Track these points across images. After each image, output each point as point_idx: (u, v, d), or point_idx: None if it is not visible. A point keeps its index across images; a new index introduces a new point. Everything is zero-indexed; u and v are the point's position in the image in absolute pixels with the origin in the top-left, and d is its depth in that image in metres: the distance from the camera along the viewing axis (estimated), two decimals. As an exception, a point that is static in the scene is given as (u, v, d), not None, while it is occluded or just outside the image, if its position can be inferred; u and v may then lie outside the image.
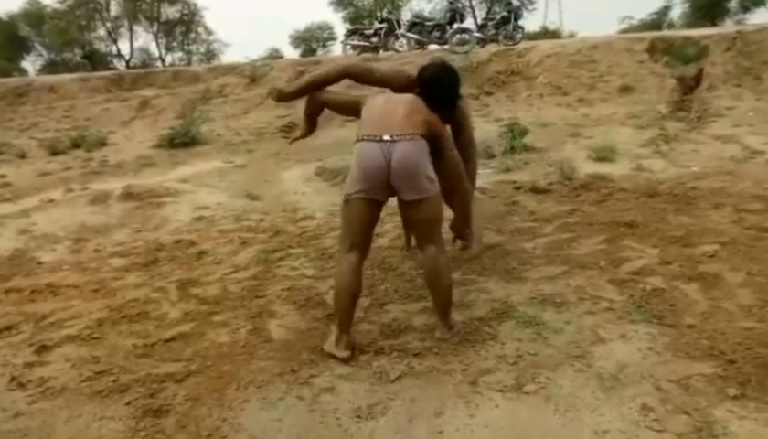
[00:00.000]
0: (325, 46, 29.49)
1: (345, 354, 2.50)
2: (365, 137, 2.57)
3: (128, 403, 2.23)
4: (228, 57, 29.23)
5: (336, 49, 26.80)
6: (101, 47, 27.98)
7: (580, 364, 2.36)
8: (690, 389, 2.14)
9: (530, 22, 27.62)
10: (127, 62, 27.03)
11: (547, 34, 23.76)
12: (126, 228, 4.69)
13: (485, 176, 5.48)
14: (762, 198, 4.05)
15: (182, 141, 8.46)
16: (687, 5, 25.30)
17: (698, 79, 8.22)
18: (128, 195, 5.43)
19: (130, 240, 4.37)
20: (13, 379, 2.46)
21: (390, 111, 2.63)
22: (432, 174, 2.55)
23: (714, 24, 22.08)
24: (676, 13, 26.72)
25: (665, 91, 8.06)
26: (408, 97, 2.74)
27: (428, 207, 2.55)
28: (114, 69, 24.15)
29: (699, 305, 2.73)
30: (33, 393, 2.36)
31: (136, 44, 28.06)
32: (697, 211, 3.94)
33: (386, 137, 2.50)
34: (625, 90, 8.34)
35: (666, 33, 13.59)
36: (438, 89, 2.81)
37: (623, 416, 2.04)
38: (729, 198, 4.16)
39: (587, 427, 2.00)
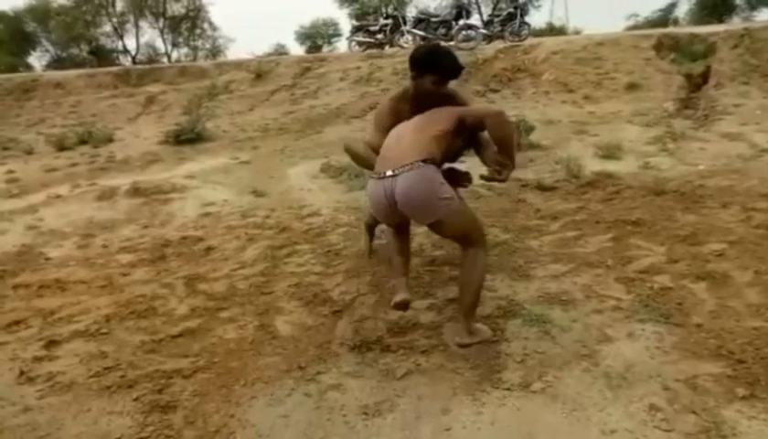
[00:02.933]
0: (330, 42, 29.48)
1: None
2: (372, 175, 2.61)
3: (136, 399, 2.25)
4: (233, 53, 29.26)
5: (342, 46, 26.79)
6: (107, 42, 28.04)
7: (587, 363, 2.35)
8: (698, 388, 2.14)
9: (536, 19, 27.53)
10: (133, 58, 27.09)
11: (553, 31, 23.66)
12: (133, 224, 4.71)
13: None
14: (770, 197, 4.03)
15: (188, 137, 8.47)
16: (693, 1, 25.15)
17: (705, 76, 8.18)
18: (135, 191, 5.45)
19: (137, 236, 4.38)
20: (22, 373, 2.48)
21: (397, 141, 2.60)
22: (444, 190, 2.46)
23: (721, 21, 21.95)
24: (682, 10, 26.58)
25: (672, 89, 8.02)
26: (419, 118, 2.69)
27: (450, 222, 2.51)
28: (120, 64, 24.22)
29: (707, 304, 2.72)
30: (42, 388, 2.38)
31: (142, 40, 28.13)
32: (704, 210, 3.92)
33: (388, 173, 2.48)
34: (632, 87, 8.30)
35: (673, 30, 13.52)
36: (435, 56, 2.74)
37: (630, 416, 2.03)
38: (736, 196, 4.14)
39: (594, 426, 2.00)
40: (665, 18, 26.20)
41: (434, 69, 2.71)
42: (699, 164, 5.14)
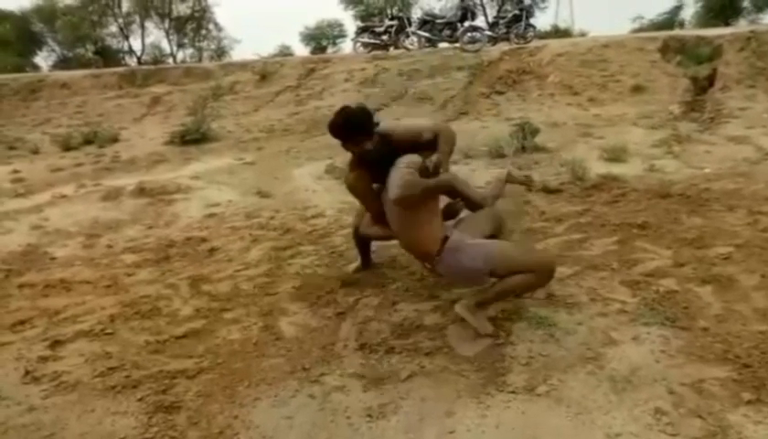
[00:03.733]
0: (335, 43, 29.50)
1: None
2: None
3: (140, 399, 2.25)
4: (238, 54, 29.32)
5: (347, 47, 26.81)
6: (112, 43, 28.16)
7: (592, 366, 2.35)
8: (704, 392, 2.13)
9: (541, 21, 27.45)
10: (139, 58, 27.18)
11: (558, 33, 23.63)
12: (138, 224, 4.72)
13: (496, 175, 5.46)
14: (776, 200, 4.01)
15: (193, 138, 8.49)
16: (699, 4, 25.07)
17: (711, 79, 8.14)
18: (140, 191, 5.46)
19: (142, 237, 4.39)
20: (27, 373, 2.49)
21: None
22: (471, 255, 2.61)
23: (728, 24, 21.87)
24: (688, 13, 26.50)
25: (677, 92, 7.99)
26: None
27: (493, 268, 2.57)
28: (126, 65, 24.30)
29: (713, 307, 2.71)
30: (47, 388, 2.39)
31: (148, 40, 28.25)
32: (710, 213, 3.91)
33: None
34: (637, 89, 8.27)
35: (679, 32, 13.48)
36: (332, 127, 2.82)
37: (635, 419, 2.02)
38: (742, 199, 4.12)
39: (599, 430, 1.99)
40: (670, 21, 26.12)
41: (340, 138, 2.83)
42: (705, 167, 5.12)
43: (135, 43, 28.11)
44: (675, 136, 6.20)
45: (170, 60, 26.98)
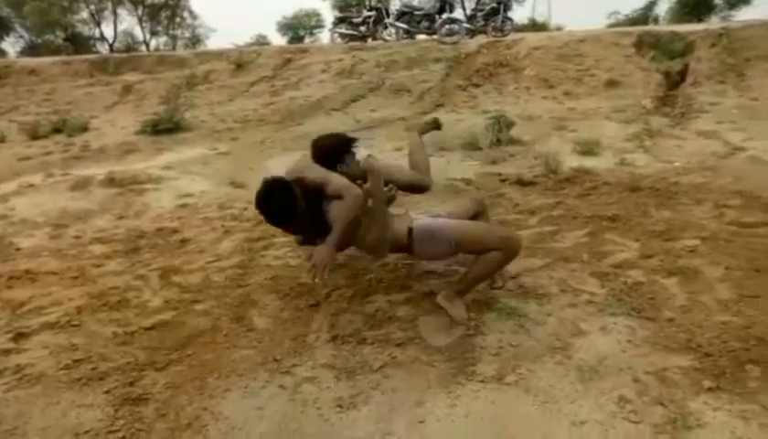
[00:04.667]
0: (312, 33, 29.28)
1: None
2: None
3: (107, 391, 2.22)
4: (213, 42, 28.90)
5: (324, 37, 26.60)
6: (83, 29, 27.51)
7: (560, 356, 2.38)
8: (667, 381, 2.17)
9: (519, 14, 27.60)
10: (110, 46, 26.61)
11: (535, 26, 23.77)
12: (108, 214, 4.63)
13: (471, 168, 5.50)
14: (742, 194, 4.10)
15: (166, 127, 8.35)
16: (674, 0, 25.47)
17: (683, 74, 8.29)
18: (110, 181, 5.36)
19: (111, 227, 4.31)
20: (-10, 366, 2.44)
21: None
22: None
23: (701, 20, 22.25)
24: (662, 8, 26.90)
25: (650, 86, 8.11)
26: None
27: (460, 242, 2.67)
28: (97, 52, 23.76)
29: (678, 298, 2.76)
30: (8, 381, 2.33)
31: (120, 27, 27.66)
32: (678, 206, 3.98)
33: None
34: (611, 84, 8.37)
35: (653, 28, 13.67)
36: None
37: (600, 407, 2.06)
38: (710, 193, 4.20)
39: (565, 418, 2.03)
40: (645, 16, 26.50)
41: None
42: (675, 161, 5.21)
43: (107, 30, 27.53)
44: (646, 130, 6.30)
45: (143, 48, 26.47)
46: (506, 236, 2.69)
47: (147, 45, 27.44)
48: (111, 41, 26.97)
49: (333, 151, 3.01)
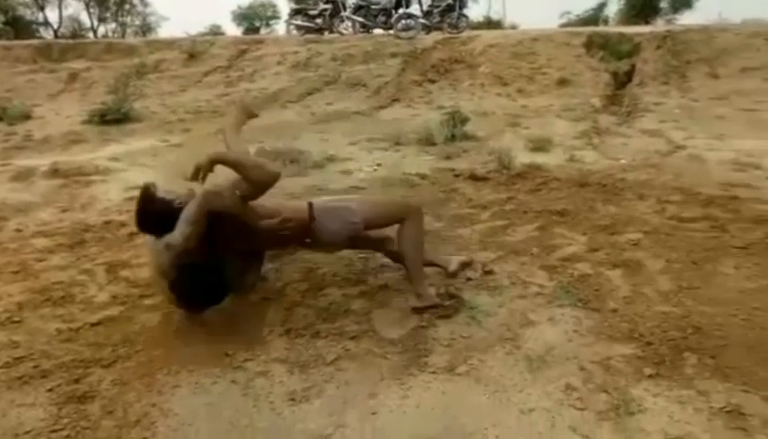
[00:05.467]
0: (268, 24, 28.84)
1: None
2: None
3: (50, 390, 2.14)
4: (165, 31, 28.09)
5: (280, 29, 26.26)
6: (25, 13, 26.25)
7: (510, 346, 2.44)
8: (611, 369, 2.26)
9: (474, 12, 27.90)
10: (55, 31, 25.51)
11: (490, 24, 24.12)
12: (51, 207, 4.45)
13: (426, 162, 5.55)
14: (682, 191, 4.29)
15: (114, 117, 8.09)
16: (622, 2, 26.29)
17: (630, 75, 8.59)
18: (54, 172, 5.15)
19: (55, 220, 4.15)
20: None
21: None
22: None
23: (647, 22, 23.07)
24: (612, 9, 27.74)
25: (599, 86, 8.37)
26: None
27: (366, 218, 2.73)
28: (41, 38, 22.74)
29: (622, 290, 2.87)
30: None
31: (66, 12, 26.52)
32: (623, 202, 4.13)
33: None
34: (563, 82, 8.60)
35: (602, 28, 14.09)
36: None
37: (548, 395, 2.13)
38: (652, 189, 4.38)
39: (514, 406, 2.08)
40: (595, 17, 27.26)
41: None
42: (621, 158, 5.40)
43: (52, 15, 26.37)
44: (595, 128, 6.50)
45: (90, 35, 25.49)
46: (404, 203, 2.77)
47: (95, 32, 26.43)
48: (55, 27, 25.85)
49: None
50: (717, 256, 3.16)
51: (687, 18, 24.57)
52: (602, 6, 27.41)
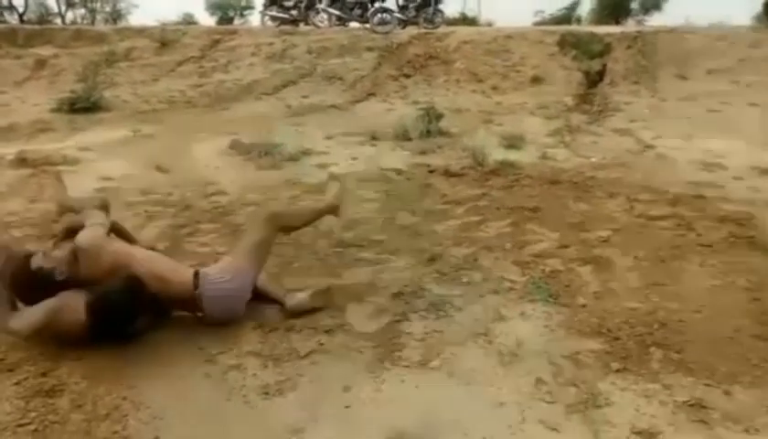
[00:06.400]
0: (242, 15, 28.40)
1: None
2: None
3: (17, 383, 2.10)
4: (135, 19, 27.50)
5: (255, 19, 25.91)
6: (-11, -4, 25.34)
7: (482, 341, 2.48)
8: (580, 363, 2.32)
9: (450, 8, 27.96)
10: (20, 16, 24.68)
11: (466, 21, 24.21)
12: (19, 197, 4.34)
13: (401, 158, 5.57)
14: (651, 190, 4.39)
15: (83, 106, 7.91)
16: (594, 1, 26.65)
17: (601, 74, 8.74)
18: (21, 161, 5.02)
19: (23, 210, 4.05)
20: None
21: None
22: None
23: (618, 22, 23.45)
24: (584, 9, 28.09)
25: (572, 84, 8.51)
26: None
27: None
28: (5, 22, 22.01)
29: (592, 285, 2.94)
30: None
31: (32, -4, 25.67)
32: (594, 199, 4.22)
33: None
34: (536, 80, 8.71)
35: (575, 28, 14.29)
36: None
37: (518, 389, 2.17)
38: (622, 188, 4.47)
39: (486, 400, 2.12)
40: (568, 16, 27.56)
41: None
42: (592, 156, 5.50)
43: (17, -2, 25.50)
44: (567, 127, 6.61)
45: (58, 21, 24.79)
46: (271, 232, 2.75)
47: (63, 17, 25.69)
48: (21, 11, 25.01)
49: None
50: (683, 254, 3.26)
51: (655, 20, 25.06)
52: (574, 5, 27.75)
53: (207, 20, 27.12)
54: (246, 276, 2.60)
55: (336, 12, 12.68)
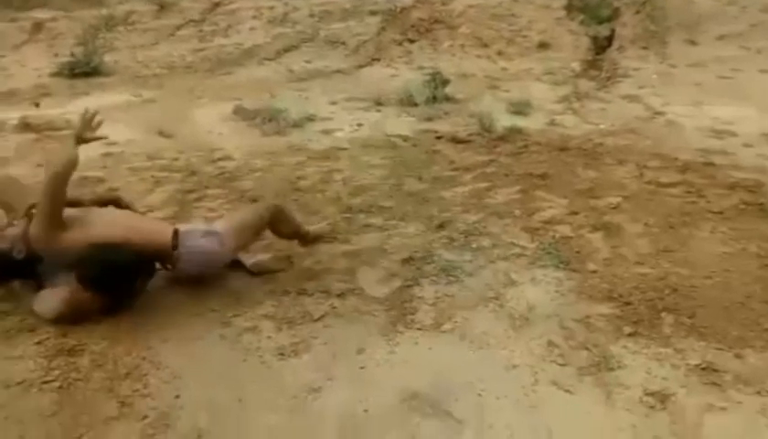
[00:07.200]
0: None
1: None
2: None
3: (38, 343, 2.13)
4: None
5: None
6: (-17, -43, 24.82)
7: (493, 305, 2.50)
8: (591, 327, 2.34)
9: (454, -29, 27.37)
10: (15, -22, 24.21)
11: (470, -16, 23.73)
12: (25, 162, 4.32)
13: (407, 124, 5.52)
14: (661, 157, 4.36)
15: (83, 71, 7.79)
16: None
17: (610, 39, 8.58)
18: (25, 126, 4.98)
19: (30, 175, 4.01)
20: None
21: None
22: None
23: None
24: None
25: (579, 50, 8.35)
26: None
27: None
28: (0, -16, 21.59)
29: (602, 252, 2.95)
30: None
31: (26, -42, 25.14)
32: (603, 166, 4.19)
33: None
34: (543, 46, 8.56)
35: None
36: None
37: (531, 352, 2.20)
38: (631, 154, 4.44)
39: (499, 362, 2.15)
40: (575, -20, 27.02)
41: None
42: (600, 123, 5.45)
43: (11, -41, 24.97)
44: (575, 93, 6.52)
45: (54, -17, 24.28)
46: (265, 211, 2.77)
47: (58, -21, 25.17)
48: (15, -27, 24.51)
49: None
50: (693, 221, 3.25)
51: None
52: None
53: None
54: (226, 245, 2.55)
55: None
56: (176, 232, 2.48)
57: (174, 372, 2.04)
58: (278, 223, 2.81)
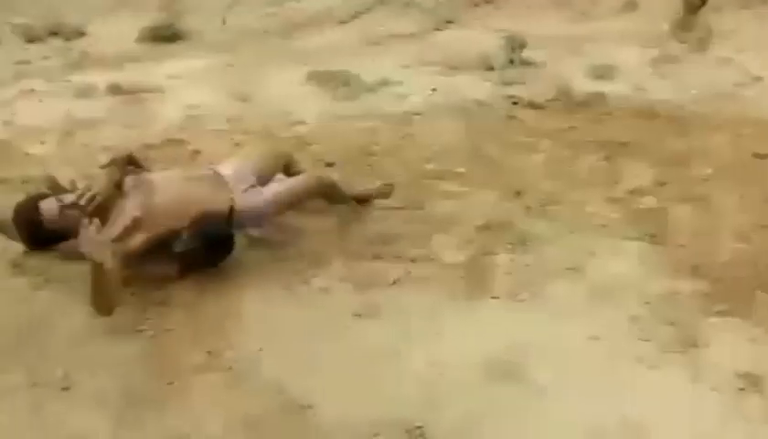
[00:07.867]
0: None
1: None
2: None
3: (133, 294, 2.27)
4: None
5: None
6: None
7: (573, 275, 2.44)
8: (677, 303, 2.25)
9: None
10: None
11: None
12: (114, 123, 4.55)
13: (483, 88, 5.38)
14: (757, 124, 4.05)
15: (164, 35, 8.07)
16: None
17: (704, -1, 7.98)
18: (114, 88, 5.22)
19: (119, 137, 4.25)
20: (15, 265, 2.47)
21: None
22: None
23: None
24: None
25: (670, 10, 7.81)
26: None
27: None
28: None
29: (691, 225, 2.80)
30: (35, 280, 2.38)
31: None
32: (694, 135, 3.94)
33: None
34: (630, 5, 8.06)
35: (674, -53, 13.01)
36: None
37: (612, 325, 2.14)
38: (725, 122, 4.15)
39: (578, 334, 2.10)
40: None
41: None
42: (692, 89, 5.11)
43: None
44: (664, 56, 6.13)
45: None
46: (318, 185, 2.81)
47: (140, -54, 25.98)
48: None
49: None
50: (794, 194, 3.02)
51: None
52: None
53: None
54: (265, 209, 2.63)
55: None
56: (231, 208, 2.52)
57: (256, 330, 2.13)
58: (329, 197, 2.86)
